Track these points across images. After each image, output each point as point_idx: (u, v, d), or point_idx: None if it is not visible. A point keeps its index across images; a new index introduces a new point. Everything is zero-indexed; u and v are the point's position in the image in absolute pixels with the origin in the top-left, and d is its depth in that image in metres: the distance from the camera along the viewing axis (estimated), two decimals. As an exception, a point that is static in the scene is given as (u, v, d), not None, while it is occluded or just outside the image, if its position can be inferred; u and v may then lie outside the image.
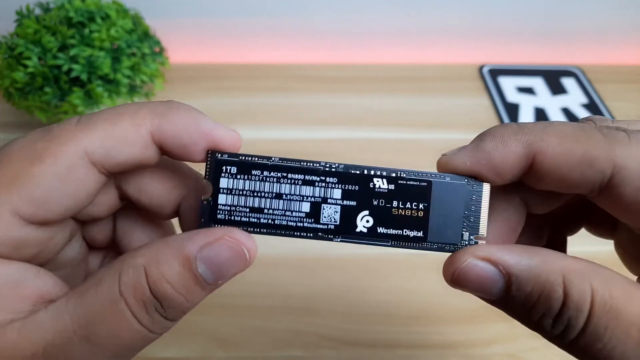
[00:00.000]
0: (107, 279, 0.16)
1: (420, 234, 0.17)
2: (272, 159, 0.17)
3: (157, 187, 0.19)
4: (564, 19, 0.59)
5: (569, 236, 0.22)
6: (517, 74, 0.59)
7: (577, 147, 0.16)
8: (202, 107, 0.17)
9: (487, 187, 0.18)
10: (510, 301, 0.16)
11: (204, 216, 0.17)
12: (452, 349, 0.35)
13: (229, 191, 0.17)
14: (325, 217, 0.17)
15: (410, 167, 0.18)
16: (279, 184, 0.17)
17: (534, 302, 0.15)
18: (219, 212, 0.17)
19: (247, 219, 0.17)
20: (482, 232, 0.17)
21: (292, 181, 0.17)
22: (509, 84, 0.57)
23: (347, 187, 0.17)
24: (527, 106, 0.54)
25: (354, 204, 0.17)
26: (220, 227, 0.17)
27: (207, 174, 0.17)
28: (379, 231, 0.17)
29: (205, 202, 0.17)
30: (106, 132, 0.16)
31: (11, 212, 0.15)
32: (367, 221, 0.17)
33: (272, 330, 0.35)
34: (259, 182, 0.17)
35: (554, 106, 0.55)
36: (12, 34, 0.44)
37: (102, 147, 0.16)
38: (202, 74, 0.56)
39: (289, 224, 0.17)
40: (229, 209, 0.17)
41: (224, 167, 0.17)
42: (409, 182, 0.17)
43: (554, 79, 0.58)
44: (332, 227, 0.17)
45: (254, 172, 0.17)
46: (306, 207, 0.17)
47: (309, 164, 0.17)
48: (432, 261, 0.21)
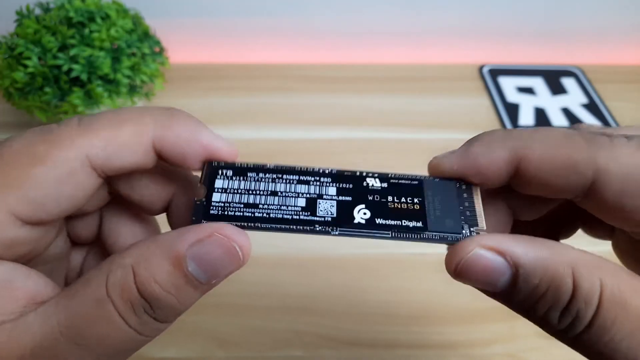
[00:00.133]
0: (95, 279, 0.15)
1: (419, 224, 0.17)
2: (268, 165, 0.18)
3: (149, 185, 0.19)
4: (564, 19, 0.59)
5: (563, 239, 0.22)
6: (517, 74, 0.59)
7: (559, 152, 0.16)
8: (202, 107, 0.17)
9: (476, 188, 0.18)
10: (515, 294, 0.16)
11: (197, 214, 0.17)
12: (452, 349, 0.35)
13: (224, 190, 0.17)
14: (321, 210, 0.17)
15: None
16: (274, 183, 0.17)
17: (541, 294, 0.15)
18: (212, 208, 0.17)
19: (242, 213, 0.17)
20: (482, 225, 0.17)
21: (287, 181, 0.17)
22: (509, 84, 0.57)
23: (341, 185, 0.17)
24: (527, 106, 0.54)
25: (349, 199, 0.17)
26: (211, 223, 0.16)
27: (203, 178, 0.17)
28: (377, 222, 0.17)
29: (198, 203, 0.17)
30: (109, 138, 0.16)
31: (8, 212, 0.15)
32: (365, 214, 0.17)
33: (271, 330, 0.35)
34: (254, 182, 0.17)
35: (554, 106, 0.55)
36: (12, 34, 0.44)
37: (103, 153, 0.16)
38: (202, 74, 0.56)
39: (285, 217, 0.17)
40: (222, 205, 0.17)
41: (220, 171, 0.17)
42: (400, 181, 0.18)
43: (554, 79, 0.58)
44: (330, 219, 0.17)
45: (250, 174, 0.17)
46: (302, 202, 0.17)
47: (303, 168, 0.18)
48: (432, 261, 0.21)
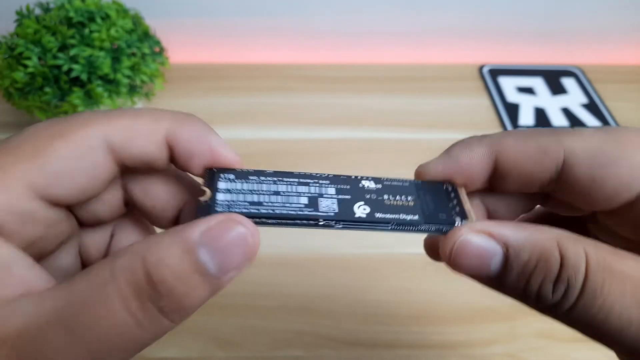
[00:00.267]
0: (99, 265, 0.15)
1: (416, 217, 0.18)
2: (267, 171, 0.19)
3: (162, 190, 0.20)
4: (564, 19, 0.59)
5: None
6: (517, 74, 0.59)
7: (530, 141, 0.19)
8: (202, 107, 0.18)
9: (461, 188, 0.20)
10: (508, 274, 0.17)
11: (202, 212, 0.17)
12: (452, 349, 0.35)
13: (228, 191, 0.18)
14: (324, 207, 0.18)
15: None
16: (275, 185, 0.18)
17: (532, 269, 0.16)
18: (217, 206, 0.17)
19: (247, 210, 0.17)
20: (472, 218, 0.18)
21: (288, 183, 0.18)
22: (509, 84, 0.57)
23: (339, 186, 0.19)
24: (527, 106, 0.54)
25: (348, 197, 0.18)
26: (221, 214, 0.16)
27: (206, 182, 0.18)
28: (377, 216, 0.18)
29: (203, 203, 0.17)
30: (126, 124, 0.17)
31: (25, 184, 0.16)
32: (365, 209, 0.18)
33: (272, 330, 0.35)
34: (256, 184, 0.18)
35: (554, 106, 0.55)
36: (12, 34, 0.44)
37: (120, 136, 0.17)
38: (202, 74, 0.56)
39: (290, 212, 0.17)
40: (228, 203, 0.17)
41: (222, 175, 0.18)
42: (393, 183, 0.19)
43: (554, 79, 0.58)
44: (332, 214, 0.18)
45: (251, 177, 0.18)
46: (304, 200, 0.18)
47: (301, 173, 0.19)
48: (432, 261, 0.21)
